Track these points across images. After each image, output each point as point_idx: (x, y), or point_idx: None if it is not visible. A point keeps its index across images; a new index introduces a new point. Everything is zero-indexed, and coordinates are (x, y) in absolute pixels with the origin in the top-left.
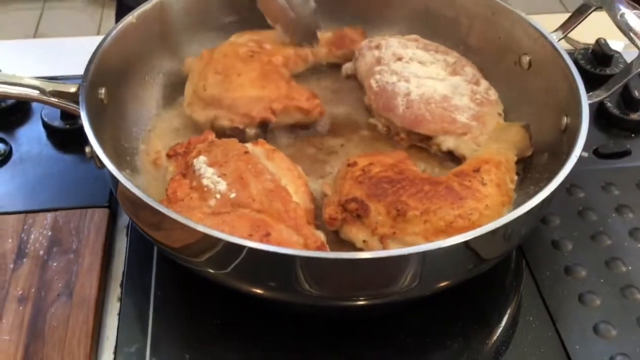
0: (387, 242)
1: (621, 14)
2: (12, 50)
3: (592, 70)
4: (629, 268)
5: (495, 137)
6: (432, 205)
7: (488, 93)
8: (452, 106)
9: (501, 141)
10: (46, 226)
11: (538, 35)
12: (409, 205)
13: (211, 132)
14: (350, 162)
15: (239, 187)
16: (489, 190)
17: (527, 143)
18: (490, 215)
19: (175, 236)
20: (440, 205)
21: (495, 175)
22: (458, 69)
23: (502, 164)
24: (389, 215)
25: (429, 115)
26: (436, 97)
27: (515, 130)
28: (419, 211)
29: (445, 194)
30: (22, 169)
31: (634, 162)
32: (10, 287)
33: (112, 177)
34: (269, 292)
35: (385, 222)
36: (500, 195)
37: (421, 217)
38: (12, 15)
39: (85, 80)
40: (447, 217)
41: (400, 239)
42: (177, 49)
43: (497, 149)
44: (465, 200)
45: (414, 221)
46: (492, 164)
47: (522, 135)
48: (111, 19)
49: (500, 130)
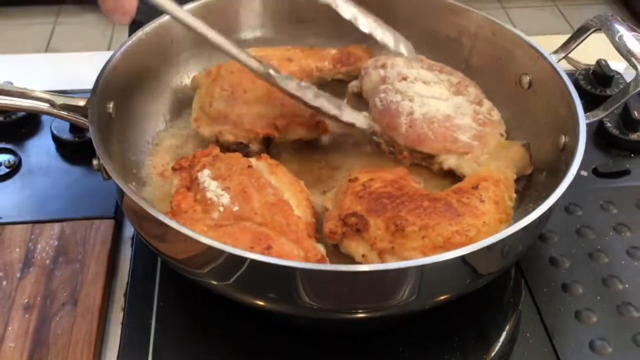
0: (385, 257)
1: (619, 36)
2: (23, 64)
3: (592, 90)
4: (626, 286)
5: (496, 155)
6: (431, 221)
7: (491, 113)
8: (454, 126)
9: (501, 159)
10: (53, 236)
11: (538, 55)
12: (408, 220)
13: (216, 147)
14: (352, 177)
15: (242, 200)
16: (487, 207)
17: (527, 162)
18: (488, 232)
19: (179, 248)
20: (438, 221)
21: (494, 192)
22: (461, 89)
23: (501, 181)
24: (388, 231)
25: (431, 134)
26: (439, 117)
27: (516, 149)
28: (418, 227)
29: (443, 211)
30: (31, 180)
31: (632, 182)
32: (16, 295)
33: (119, 189)
34: (270, 303)
35: (384, 237)
36: (498, 212)
37: (419, 233)
38: (24, 30)
39: (94, 94)
40: (445, 233)
41: (399, 254)
42: (184, 64)
43: (496, 167)
44: (463, 217)
45: (412, 237)
46: (491, 181)
47: (522, 153)
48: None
49: (501, 148)
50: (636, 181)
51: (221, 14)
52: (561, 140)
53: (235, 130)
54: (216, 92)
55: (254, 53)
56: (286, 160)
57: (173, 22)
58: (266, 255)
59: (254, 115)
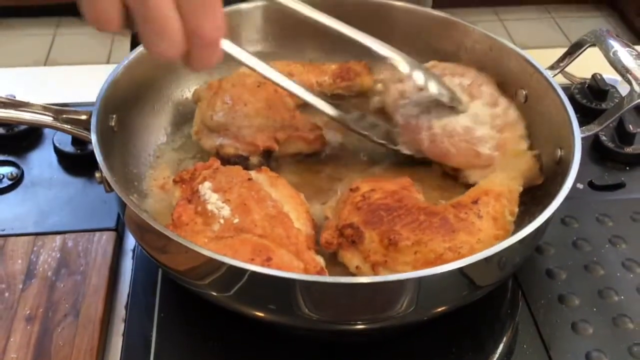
0: (378, 270)
1: (614, 51)
2: (24, 77)
3: (587, 104)
4: (622, 298)
5: (504, 166)
6: (425, 236)
7: (507, 114)
8: (474, 138)
9: (509, 170)
10: (55, 248)
11: (533, 70)
12: (402, 235)
13: (216, 160)
14: (353, 186)
15: (242, 212)
16: (484, 224)
17: (537, 173)
18: (482, 249)
19: (180, 259)
20: (432, 237)
21: (493, 208)
22: (475, 92)
23: (502, 195)
24: (382, 244)
25: (453, 149)
26: (458, 129)
27: (525, 160)
28: (411, 242)
29: (438, 226)
30: (33, 193)
31: (628, 195)
32: (18, 307)
33: (120, 202)
34: (270, 315)
35: (377, 250)
36: (496, 229)
37: (412, 248)
38: (24, 41)
39: (96, 108)
40: (438, 249)
41: (391, 267)
42: (185, 78)
43: (500, 179)
44: (458, 234)
45: (405, 251)
46: (492, 195)
47: (532, 164)
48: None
49: (511, 157)
50: (631, 194)
51: None
52: (557, 153)
53: (236, 143)
54: (217, 105)
55: None
56: (286, 173)
57: None
58: (266, 266)
59: (255, 128)
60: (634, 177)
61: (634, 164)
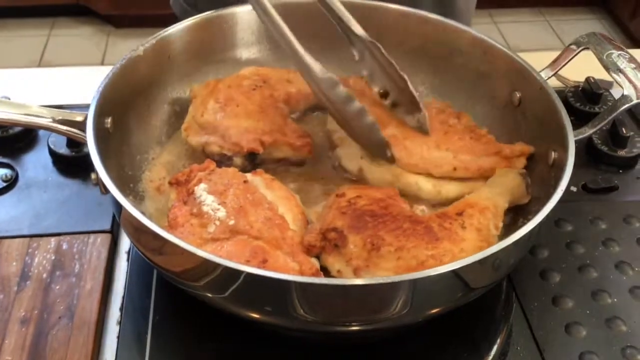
0: (360, 274)
1: (607, 54)
2: (18, 78)
3: (581, 107)
4: (614, 300)
5: (491, 182)
6: (408, 243)
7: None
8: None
9: (495, 186)
10: (50, 250)
11: (527, 73)
12: (385, 240)
13: (212, 162)
14: (339, 192)
15: (238, 214)
16: (468, 234)
17: (523, 191)
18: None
19: (176, 261)
20: (415, 244)
21: (478, 220)
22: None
23: (488, 209)
24: (365, 248)
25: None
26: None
27: (512, 177)
28: (394, 247)
29: (422, 234)
30: (28, 195)
31: (621, 197)
32: (13, 309)
33: (116, 203)
34: (265, 316)
35: (360, 255)
36: (479, 240)
37: (395, 254)
38: (19, 42)
39: (92, 109)
40: (420, 256)
41: (373, 272)
42: (180, 81)
43: (487, 195)
44: (441, 242)
45: (387, 257)
46: (477, 208)
47: (517, 182)
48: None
49: (497, 175)
50: (624, 197)
51: (218, 31)
52: (551, 156)
53: (221, 141)
54: (210, 103)
55: (255, 70)
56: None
57: (171, 39)
58: (262, 268)
59: (242, 129)
60: (627, 179)
61: (627, 167)
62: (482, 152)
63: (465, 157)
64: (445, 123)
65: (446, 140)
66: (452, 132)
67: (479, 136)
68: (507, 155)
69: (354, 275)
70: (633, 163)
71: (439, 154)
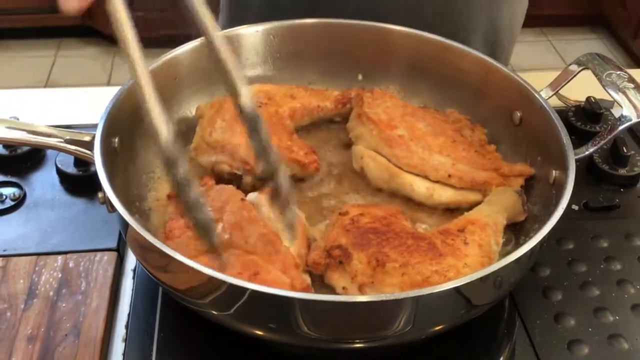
0: (365, 291)
1: (607, 74)
2: (26, 98)
3: (582, 127)
4: (616, 318)
5: (488, 200)
6: (412, 259)
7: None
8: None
9: (493, 204)
10: (56, 268)
11: (528, 93)
12: (389, 257)
13: (211, 179)
14: (343, 210)
15: (233, 230)
16: (470, 250)
17: (520, 209)
18: (468, 274)
19: (181, 278)
20: (419, 260)
21: (479, 236)
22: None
23: (488, 226)
24: (369, 265)
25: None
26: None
27: (508, 195)
28: (398, 264)
29: (426, 250)
30: (35, 213)
31: (622, 216)
32: (20, 327)
33: (123, 221)
34: (270, 333)
35: (364, 271)
36: (481, 255)
37: (399, 270)
38: (26, 62)
39: (100, 130)
40: (425, 272)
41: (378, 289)
42: (187, 100)
43: (486, 212)
44: (445, 258)
45: (392, 273)
46: (478, 225)
47: (514, 200)
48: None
49: (495, 194)
50: (625, 215)
51: None
52: (552, 175)
53: (230, 160)
54: (217, 122)
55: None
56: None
57: (177, 60)
58: (252, 281)
59: (250, 147)
60: (628, 198)
61: (628, 186)
62: (481, 166)
63: (463, 168)
64: (459, 132)
65: (451, 147)
66: (460, 142)
67: (485, 151)
68: (505, 174)
69: (359, 291)
70: (634, 182)
71: (439, 158)
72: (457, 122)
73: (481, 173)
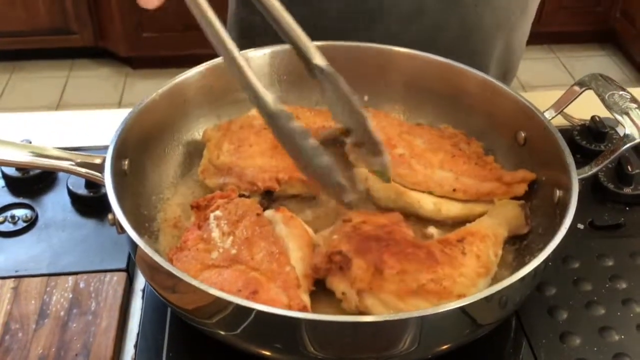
0: (363, 296)
1: (609, 94)
2: (38, 120)
3: (587, 146)
4: (622, 337)
5: (491, 212)
6: (410, 266)
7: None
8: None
9: (495, 216)
10: (67, 289)
11: (532, 112)
12: (388, 264)
13: (236, 191)
14: (346, 218)
15: (242, 244)
16: (467, 260)
17: (522, 222)
18: (464, 283)
19: (189, 298)
20: (417, 267)
21: (478, 247)
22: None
23: (488, 238)
24: (368, 271)
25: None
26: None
27: (511, 208)
28: (396, 270)
29: (424, 258)
30: (47, 234)
31: (627, 234)
32: (31, 346)
33: (132, 242)
34: (277, 354)
35: (363, 277)
36: (478, 266)
37: (397, 277)
38: (38, 83)
39: (110, 152)
40: (421, 279)
41: (376, 295)
42: (195, 122)
43: (488, 224)
44: (442, 266)
45: (390, 279)
46: (478, 236)
47: (517, 213)
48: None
49: (497, 206)
50: (631, 234)
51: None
52: (556, 194)
53: (238, 182)
54: (224, 145)
55: None
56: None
57: (186, 83)
58: (251, 299)
59: (257, 169)
60: (634, 217)
61: (633, 204)
62: (483, 178)
63: (467, 181)
64: (456, 146)
65: (451, 162)
66: (459, 156)
67: (484, 163)
68: (508, 182)
69: (357, 297)
70: (639, 200)
71: (442, 174)
72: (453, 137)
73: (485, 184)
